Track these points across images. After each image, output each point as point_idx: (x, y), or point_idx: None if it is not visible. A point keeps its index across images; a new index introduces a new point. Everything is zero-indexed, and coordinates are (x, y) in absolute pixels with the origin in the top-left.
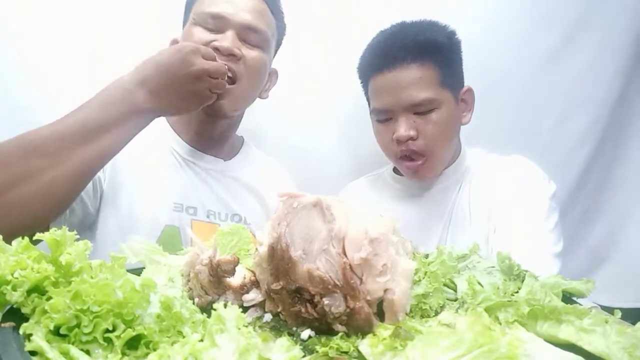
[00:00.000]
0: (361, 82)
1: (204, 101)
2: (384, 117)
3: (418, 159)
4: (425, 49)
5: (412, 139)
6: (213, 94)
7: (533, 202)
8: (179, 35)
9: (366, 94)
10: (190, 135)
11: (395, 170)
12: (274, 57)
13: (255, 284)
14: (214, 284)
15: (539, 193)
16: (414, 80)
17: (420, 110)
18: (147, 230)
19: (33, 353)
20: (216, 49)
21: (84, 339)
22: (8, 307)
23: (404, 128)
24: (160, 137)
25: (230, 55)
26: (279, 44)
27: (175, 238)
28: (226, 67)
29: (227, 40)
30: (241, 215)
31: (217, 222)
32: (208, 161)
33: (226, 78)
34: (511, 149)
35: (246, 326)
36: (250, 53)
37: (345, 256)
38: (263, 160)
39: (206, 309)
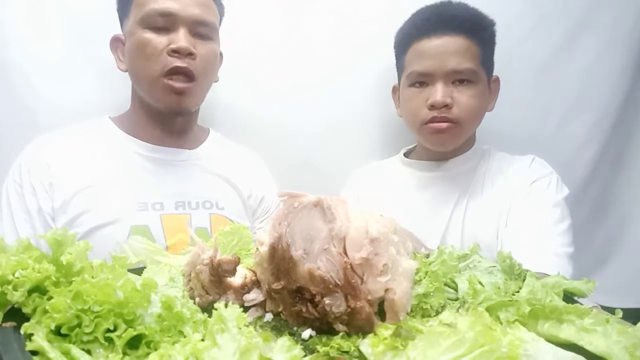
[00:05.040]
0: (398, 47)
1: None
2: (422, 80)
3: (446, 122)
4: (474, 25)
5: (446, 105)
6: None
7: (546, 205)
8: (119, 30)
9: (399, 60)
10: (150, 134)
11: (406, 154)
12: None
13: (256, 283)
14: (214, 283)
15: (553, 195)
16: (460, 49)
17: (460, 78)
18: (116, 240)
19: (34, 353)
20: (174, 51)
21: (85, 338)
22: (9, 307)
23: (441, 94)
24: (117, 148)
25: (188, 54)
26: (220, 23)
27: (144, 236)
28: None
29: (181, 40)
30: (212, 201)
31: (187, 212)
32: (172, 152)
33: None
34: (515, 149)
35: (247, 326)
36: (204, 47)
37: (346, 256)
38: (232, 148)
39: (207, 308)
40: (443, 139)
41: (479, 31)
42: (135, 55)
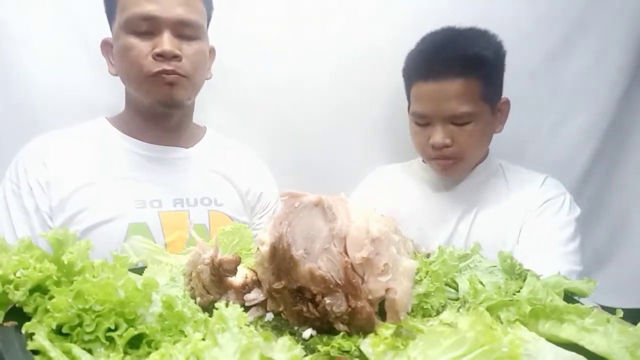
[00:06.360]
0: (405, 80)
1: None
2: (422, 121)
3: (450, 159)
4: (473, 64)
5: (447, 146)
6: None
7: (558, 224)
8: (109, 34)
9: (407, 93)
10: (146, 134)
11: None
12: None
13: (257, 283)
14: (215, 283)
15: (566, 215)
16: (457, 94)
17: (458, 121)
18: (115, 238)
19: (35, 352)
20: (159, 55)
21: (86, 338)
22: (10, 306)
23: (440, 136)
24: (114, 147)
25: (174, 57)
26: (209, 19)
27: (142, 234)
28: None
29: (166, 43)
30: (210, 197)
31: (186, 209)
32: (168, 151)
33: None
34: (512, 150)
35: (248, 325)
36: (190, 48)
37: (347, 255)
38: (229, 145)
39: (208, 308)
40: (451, 172)
41: (479, 68)
42: (122, 60)
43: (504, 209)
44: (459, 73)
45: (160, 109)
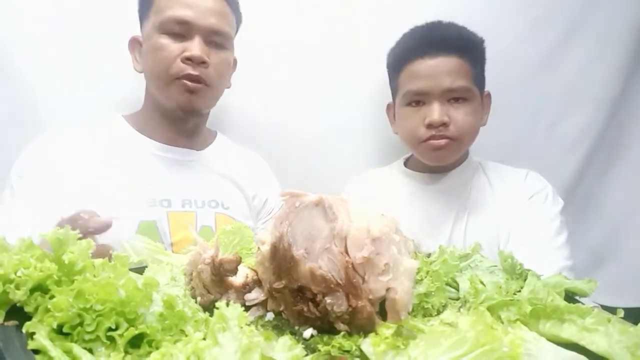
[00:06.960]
0: (392, 69)
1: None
2: (418, 98)
3: (445, 139)
4: (466, 45)
5: (444, 124)
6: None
7: (544, 220)
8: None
9: (393, 80)
10: (161, 134)
11: (405, 164)
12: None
13: (258, 283)
14: (216, 283)
15: (550, 209)
16: (454, 69)
17: (454, 96)
18: (125, 235)
19: (36, 351)
20: (188, 59)
21: (87, 337)
22: (11, 306)
23: (438, 113)
24: (128, 145)
25: (201, 63)
26: (237, 31)
27: (151, 232)
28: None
29: (195, 48)
30: (218, 200)
31: (193, 210)
32: (181, 152)
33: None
34: (508, 149)
35: (248, 325)
36: (218, 56)
37: (348, 255)
38: (238, 150)
39: (208, 307)
40: (441, 155)
41: (469, 50)
42: (151, 58)
43: (491, 208)
44: (454, 51)
45: (178, 112)
